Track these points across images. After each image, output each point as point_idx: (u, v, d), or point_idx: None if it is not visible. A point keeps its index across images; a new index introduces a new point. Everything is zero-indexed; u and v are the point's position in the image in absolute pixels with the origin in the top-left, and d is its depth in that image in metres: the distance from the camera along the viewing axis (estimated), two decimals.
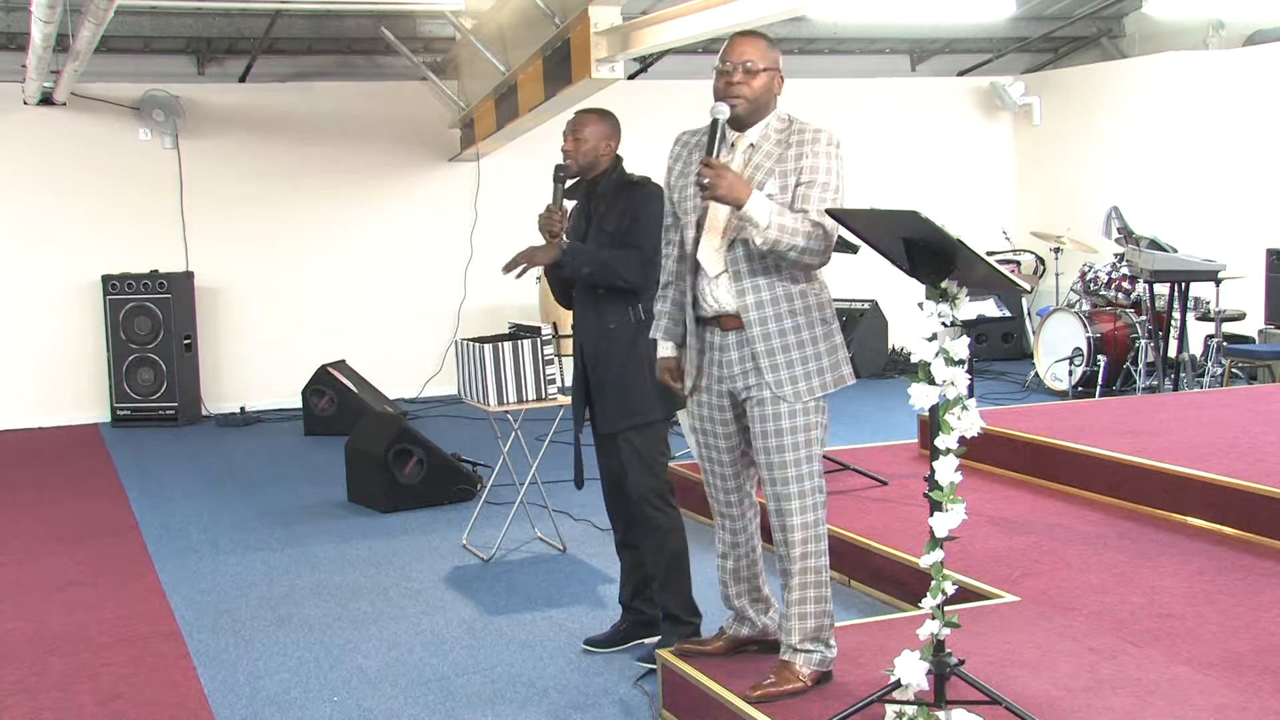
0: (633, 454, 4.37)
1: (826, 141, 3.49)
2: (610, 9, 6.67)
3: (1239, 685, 3.61)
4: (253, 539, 6.47)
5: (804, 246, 3.40)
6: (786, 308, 3.50)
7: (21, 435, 9.76)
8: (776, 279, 3.50)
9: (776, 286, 3.50)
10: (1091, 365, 9.13)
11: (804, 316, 3.51)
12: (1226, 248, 9.50)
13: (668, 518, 4.41)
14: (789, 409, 3.51)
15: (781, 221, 3.38)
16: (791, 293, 3.50)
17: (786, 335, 3.50)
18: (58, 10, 6.72)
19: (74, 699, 4.34)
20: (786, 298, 3.50)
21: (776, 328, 3.50)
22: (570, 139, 4.45)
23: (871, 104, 11.96)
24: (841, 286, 10.91)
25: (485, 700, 4.24)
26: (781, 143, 3.50)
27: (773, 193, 3.45)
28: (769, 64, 3.51)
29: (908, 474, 6.31)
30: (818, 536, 3.58)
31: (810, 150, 3.48)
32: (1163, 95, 10.87)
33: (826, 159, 3.47)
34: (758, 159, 3.51)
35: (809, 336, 3.52)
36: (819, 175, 3.46)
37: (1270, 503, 4.92)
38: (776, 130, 3.53)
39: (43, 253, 10.02)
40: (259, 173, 10.50)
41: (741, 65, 3.48)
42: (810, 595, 3.59)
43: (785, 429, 3.53)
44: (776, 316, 3.50)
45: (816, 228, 3.41)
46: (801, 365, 3.51)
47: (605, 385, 4.38)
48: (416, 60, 10.14)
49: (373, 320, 10.77)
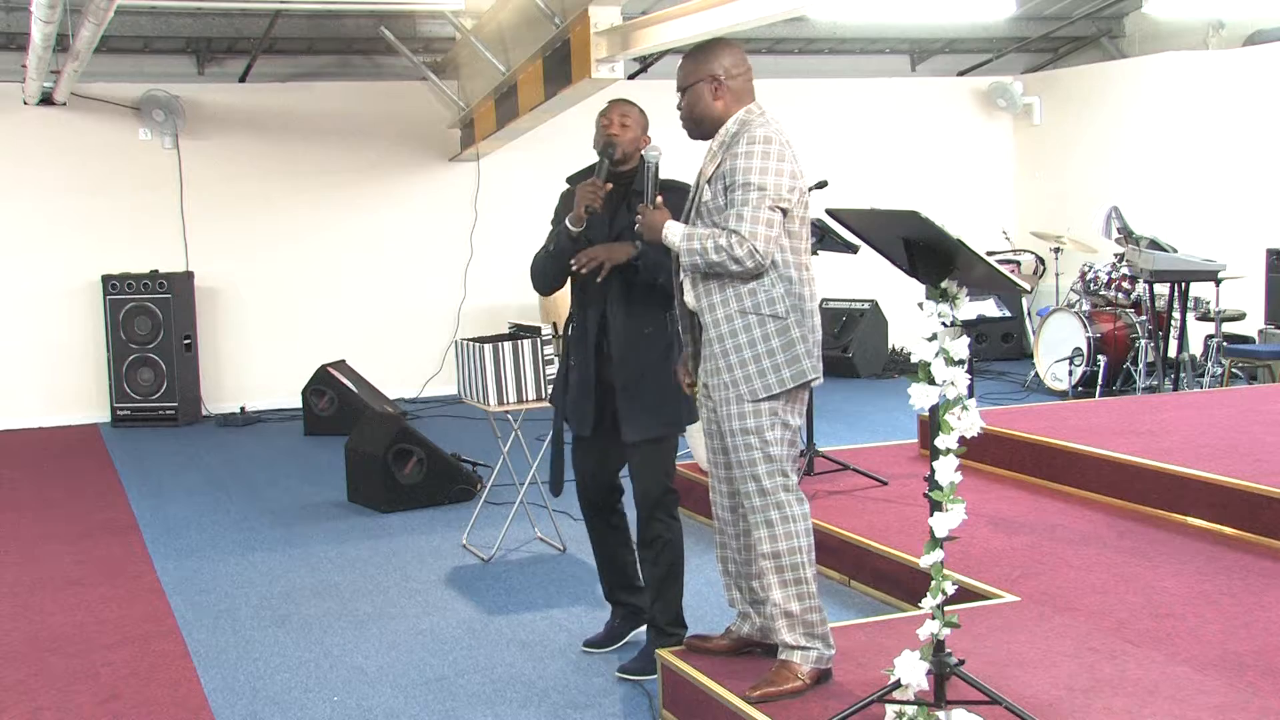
0: (648, 464, 4.27)
1: (747, 140, 3.50)
2: (610, 9, 6.67)
3: (1239, 685, 3.61)
4: (253, 539, 6.47)
5: (716, 261, 3.46)
6: (736, 307, 3.52)
7: (21, 435, 9.76)
8: (726, 280, 3.53)
9: (727, 287, 3.53)
10: (1091, 365, 9.13)
11: (754, 315, 3.51)
12: (1226, 248, 9.49)
13: (670, 529, 4.32)
14: (739, 410, 3.54)
15: (689, 245, 3.50)
16: (741, 292, 3.52)
17: (738, 335, 3.53)
18: (58, 10, 6.72)
19: (74, 699, 4.34)
20: (736, 297, 3.52)
21: (728, 328, 3.53)
22: (617, 122, 4.25)
23: (871, 104, 11.96)
24: (841, 286, 11.01)
25: (485, 700, 4.24)
26: (725, 146, 3.56)
27: (705, 199, 3.55)
28: (695, 78, 3.60)
29: (908, 474, 6.31)
30: (787, 534, 3.56)
31: (731, 153, 3.51)
32: (1163, 95, 10.87)
33: (746, 159, 3.47)
34: (707, 166, 3.61)
35: (760, 334, 3.51)
36: (738, 177, 3.47)
37: (1270, 503, 4.92)
38: (731, 134, 3.58)
39: (43, 253, 10.02)
40: (259, 173, 10.51)
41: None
42: (791, 593, 3.58)
43: (738, 429, 3.55)
44: (728, 317, 3.53)
45: (731, 236, 3.43)
46: (754, 363, 3.51)
47: (634, 391, 4.21)
48: (416, 60, 10.14)
49: (373, 320, 10.77)
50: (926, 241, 3.17)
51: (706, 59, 3.61)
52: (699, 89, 3.59)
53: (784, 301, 3.52)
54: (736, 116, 3.58)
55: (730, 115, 3.59)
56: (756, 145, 3.47)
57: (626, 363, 4.22)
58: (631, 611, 4.64)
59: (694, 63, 3.62)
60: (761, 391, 3.51)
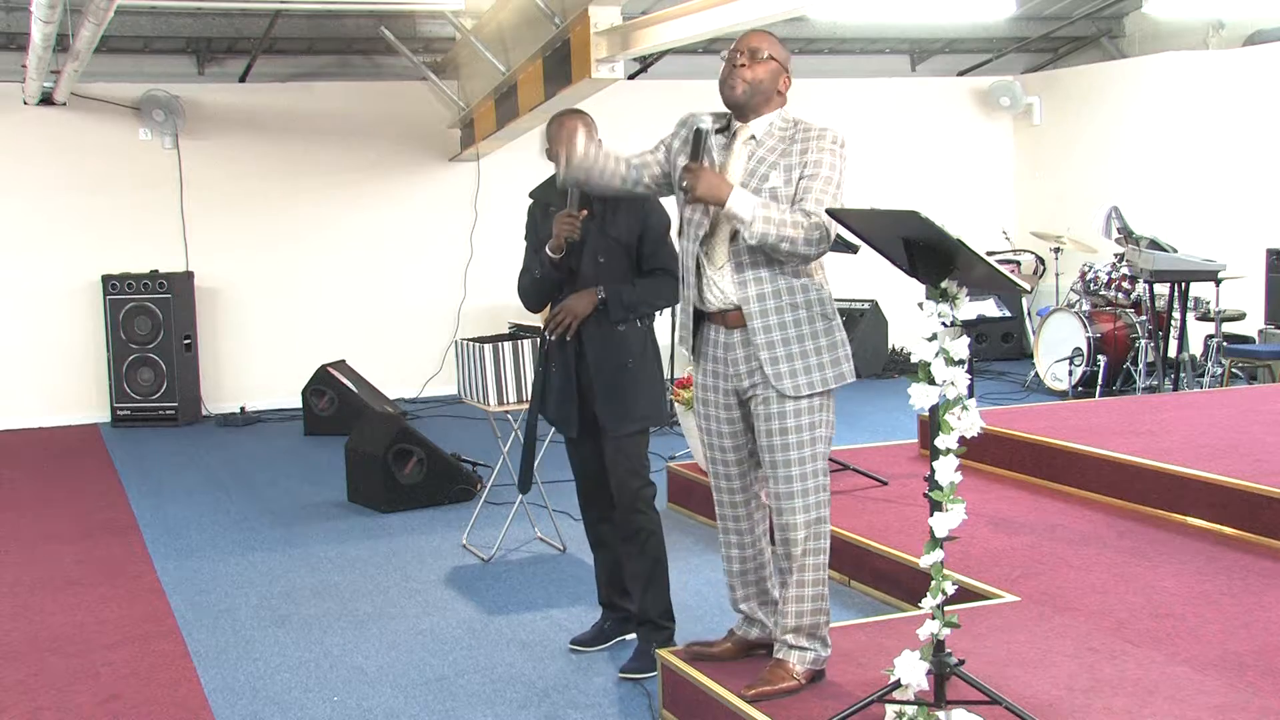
0: (621, 458, 4.33)
1: (832, 140, 3.51)
2: (610, 9, 6.67)
3: (1239, 685, 3.61)
4: (253, 539, 6.47)
5: (793, 237, 3.40)
6: (787, 301, 3.51)
7: (21, 435, 9.76)
8: (778, 272, 3.50)
9: (779, 279, 3.50)
10: (1091, 365, 9.13)
11: (805, 311, 3.52)
12: (1226, 248, 9.49)
13: (650, 520, 4.38)
14: (794, 406, 3.52)
15: (767, 214, 3.39)
16: (793, 286, 3.51)
17: (787, 329, 3.51)
18: (58, 10, 6.72)
19: (74, 699, 4.34)
20: (788, 291, 3.51)
21: (777, 320, 3.51)
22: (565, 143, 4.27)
23: (871, 104, 11.96)
24: (841, 286, 10.88)
25: (485, 700, 4.24)
26: (786, 138, 3.53)
27: (776, 185, 3.47)
28: (777, 56, 3.56)
29: (908, 474, 6.31)
30: (819, 534, 3.58)
31: (815, 145, 3.50)
32: (1163, 95, 10.87)
33: (830, 155, 3.49)
34: (761, 152, 3.54)
35: (809, 331, 3.52)
36: (822, 169, 3.47)
37: (1270, 503, 4.92)
38: (781, 127, 3.56)
39: (43, 253, 10.02)
40: (259, 173, 10.51)
41: (747, 50, 3.55)
42: (808, 594, 3.59)
43: (790, 426, 3.53)
44: (777, 310, 3.51)
45: (810, 218, 3.41)
46: (801, 359, 3.51)
47: (611, 387, 4.30)
48: (416, 60, 10.14)
49: (373, 320, 10.77)
50: (926, 241, 3.17)
51: (786, 48, 3.63)
52: (777, 69, 3.57)
53: (831, 303, 3.58)
54: (782, 112, 3.59)
55: (776, 109, 3.59)
56: (839, 147, 3.51)
57: (602, 362, 4.31)
58: (624, 616, 4.66)
59: (779, 45, 3.61)
60: (814, 387, 3.51)
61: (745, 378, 3.59)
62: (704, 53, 11.13)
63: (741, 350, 3.58)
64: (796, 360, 3.51)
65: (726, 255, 3.56)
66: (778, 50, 3.58)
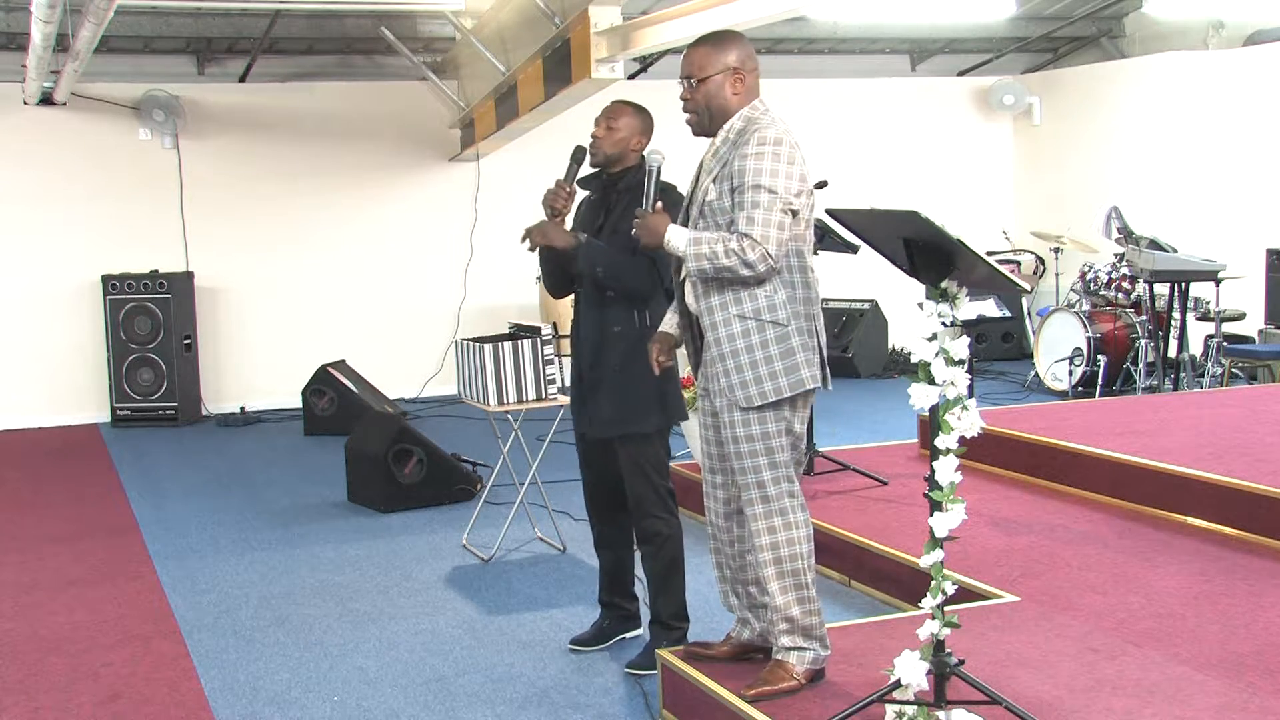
0: (630, 463, 4.32)
1: (758, 140, 3.40)
2: (610, 9, 6.67)
3: (1239, 685, 3.61)
4: (253, 539, 6.47)
5: (728, 266, 3.36)
6: (735, 311, 3.46)
7: (21, 435, 9.76)
8: (727, 284, 3.46)
9: (726, 290, 3.47)
10: (1091, 365, 9.13)
11: (754, 320, 3.46)
12: (1226, 248, 9.49)
13: (668, 525, 4.36)
14: (742, 416, 3.49)
15: (698, 249, 3.40)
16: (741, 296, 3.46)
17: (735, 340, 3.47)
18: (58, 10, 6.72)
19: (74, 699, 4.34)
20: (736, 301, 3.46)
21: (726, 332, 3.47)
22: (603, 125, 4.29)
23: (871, 104, 11.96)
24: (841, 286, 11.00)
25: (485, 700, 4.24)
26: (730, 144, 3.47)
27: (710, 199, 3.45)
28: (716, 68, 3.48)
29: (908, 474, 6.30)
30: (789, 540, 3.54)
31: (740, 152, 3.41)
32: (1163, 95, 10.87)
33: (756, 160, 3.37)
34: (711, 163, 3.51)
35: (759, 340, 3.46)
36: (747, 179, 3.37)
37: (1270, 503, 4.92)
38: (737, 130, 3.49)
39: (43, 253, 10.02)
40: (259, 173, 10.51)
41: (686, 81, 3.52)
42: (792, 597, 3.57)
43: (741, 436, 3.51)
44: (726, 321, 3.47)
45: (742, 241, 3.34)
46: (751, 369, 3.46)
47: (600, 389, 4.29)
48: (416, 60, 10.14)
49: (373, 320, 10.77)
50: (926, 241, 3.17)
51: (726, 48, 3.51)
52: (719, 80, 3.48)
53: (785, 308, 3.48)
54: (742, 113, 3.50)
55: (738, 112, 3.50)
56: (767, 146, 3.39)
57: (595, 361, 4.30)
58: (623, 615, 4.67)
59: (713, 51, 3.50)
60: (758, 399, 3.46)
61: (712, 381, 3.59)
62: None
63: (706, 354, 3.60)
64: (747, 370, 3.46)
65: None
66: (713, 60, 3.48)
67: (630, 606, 4.68)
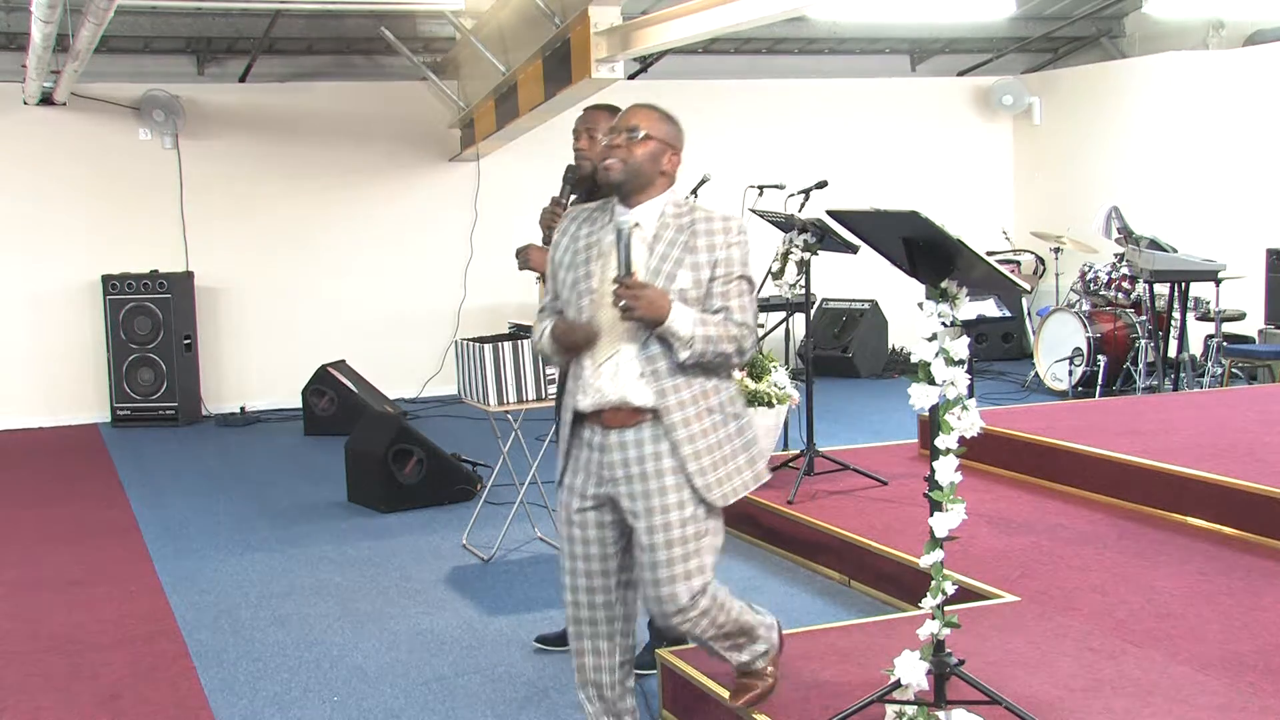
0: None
1: (738, 231, 3.27)
2: (610, 9, 6.67)
3: (1239, 685, 3.61)
4: (253, 539, 6.47)
5: (727, 353, 3.20)
6: (705, 405, 3.24)
7: (21, 435, 9.76)
8: (693, 375, 3.22)
9: (694, 383, 3.23)
10: (1091, 365, 9.13)
11: (720, 414, 3.26)
12: (1226, 248, 9.49)
13: None
14: (692, 513, 3.21)
15: (706, 333, 3.16)
16: (706, 389, 3.24)
17: (710, 435, 3.23)
18: (58, 10, 6.72)
19: (74, 699, 4.34)
20: (703, 394, 3.24)
21: (699, 427, 3.22)
22: (583, 137, 4.21)
23: (871, 104, 11.96)
24: (841, 286, 11.01)
25: (485, 700, 4.24)
26: (684, 229, 3.24)
27: (684, 286, 3.19)
28: (660, 135, 3.27)
29: (908, 474, 6.30)
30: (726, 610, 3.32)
31: (723, 241, 3.23)
32: (1163, 95, 10.87)
33: (740, 250, 3.25)
34: (661, 248, 3.23)
35: (726, 434, 3.27)
36: (735, 268, 3.23)
37: (1270, 503, 4.92)
38: (675, 214, 3.27)
39: (43, 253, 10.02)
40: (259, 173, 10.51)
41: (625, 128, 3.27)
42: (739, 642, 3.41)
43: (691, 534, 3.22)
44: (699, 415, 3.22)
45: (742, 329, 3.23)
46: (726, 465, 3.25)
47: None
48: (416, 60, 10.14)
49: (373, 320, 10.77)
50: (926, 241, 3.17)
51: (674, 125, 3.34)
52: (658, 149, 3.27)
53: (739, 400, 3.35)
54: (670, 196, 3.31)
55: (662, 193, 3.29)
56: (744, 236, 3.27)
57: None
58: None
59: (665, 120, 3.32)
60: (732, 495, 3.26)
61: (623, 483, 3.24)
62: (704, 53, 11.14)
63: (619, 454, 3.24)
64: (722, 467, 3.24)
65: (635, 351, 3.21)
66: (660, 127, 3.28)
67: None
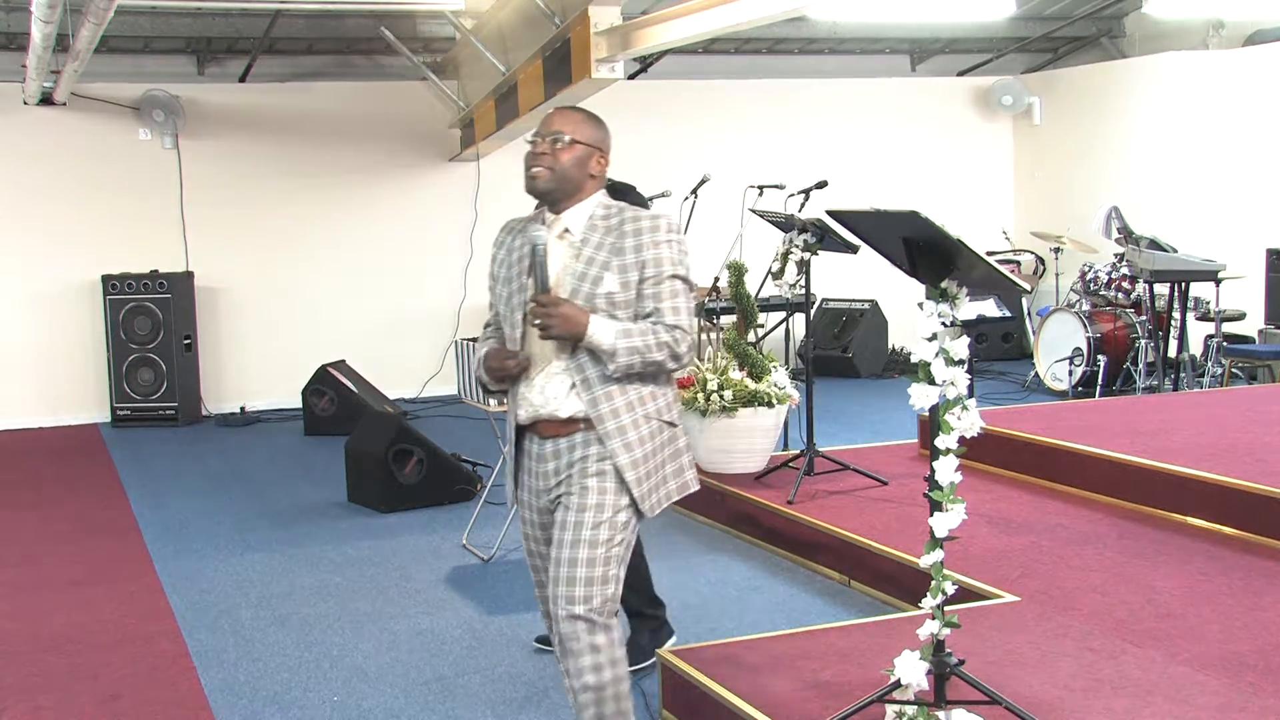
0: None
1: (667, 230, 3.19)
2: (610, 9, 6.67)
3: (1239, 685, 3.61)
4: (253, 539, 6.47)
5: (658, 360, 3.13)
6: (642, 411, 3.18)
7: (21, 435, 9.76)
8: (626, 382, 3.17)
9: (629, 390, 3.17)
10: (1091, 365, 9.13)
11: (657, 420, 3.22)
12: (1226, 248, 9.49)
13: None
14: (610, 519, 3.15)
15: (630, 343, 3.10)
16: (643, 394, 3.19)
17: (646, 443, 3.19)
18: (58, 10, 6.71)
19: (74, 699, 4.34)
20: (640, 400, 3.18)
21: (636, 435, 3.17)
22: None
23: (871, 104, 11.96)
24: (841, 286, 11.01)
25: (485, 700, 4.24)
26: (612, 230, 3.19)
27: (612, 290, 3.14)
28: (586, 140, 3.22)
29: (908, 474, 6.30)
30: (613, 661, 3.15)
31: (650, 240, 3.16)
32: (1163, 95, 10.88)
33: (669, 249, 3.17)
34: (588, 251, 3.18)
35: (661, 442, 3.23)
36: (665, 269, 3.16)
37: (1270, 503, 4.92)
38: (603, 217, 3.22)
39: (42, 253, 10.02)
40: (259, 173, 10.51)
41: (550, 136, 3.21)
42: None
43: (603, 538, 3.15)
44: (635, 423, 3.18)
45: (673, 333, 3.13)
46: (657, 473, 3.23)
47: None
48: (416, 60, 10.14)
49: (373, 320, 10.77)
50: (927, 241, 3.17)
51: (600, 127, 3.28)
52: (584, 153, 3.22)
53: (675, 408, 3.30)
54: (599, 200, 3.26)
55: (591, 196, 3.25)
56: (675, 234, 3.19)
57: None
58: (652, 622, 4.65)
59: (590, 123, 3.27)
60: (659, 505, 3.23)
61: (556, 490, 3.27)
62: (704, 53, 11.14)
63: (552, 463, 3.25)
64: (654, 476, 3.22)
65: (564, 364, 3.18)
66: (585, 130, 3.23)
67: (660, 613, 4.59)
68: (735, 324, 6.65)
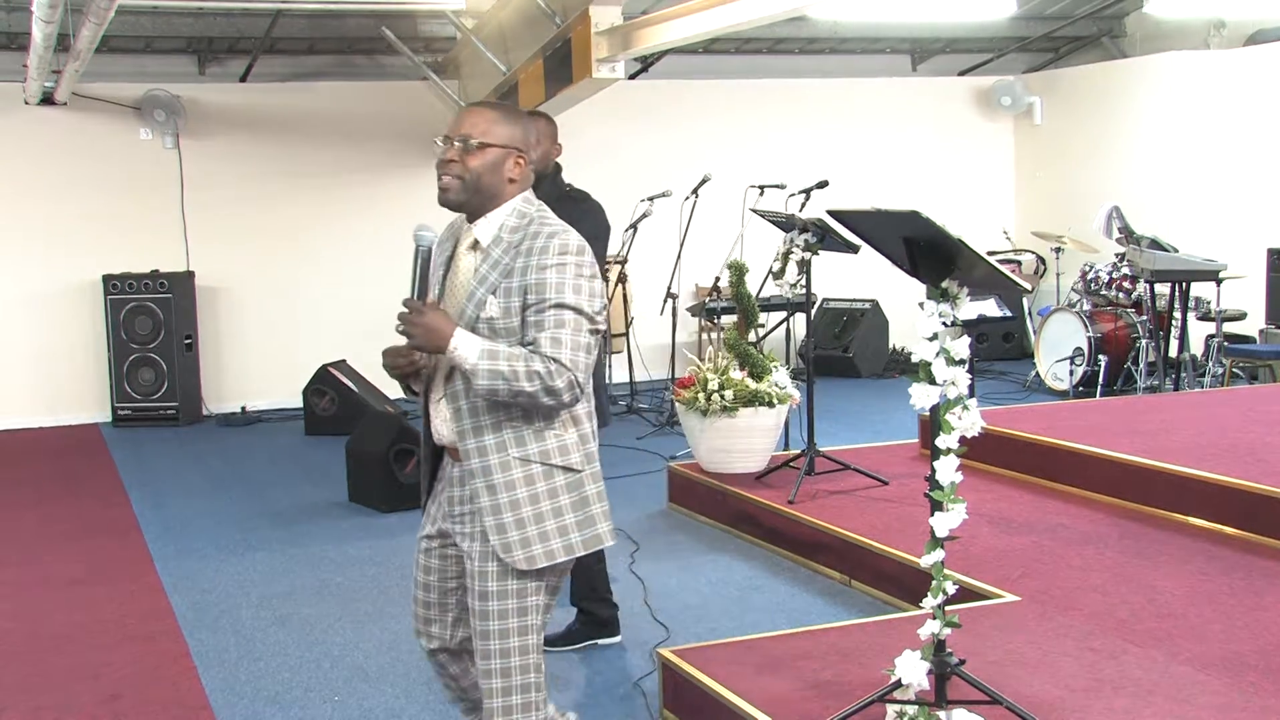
0: None
1: (559, 250, 2.81)
2: (610, 9, 6.68)
3: (1240, 685, 3.61)
4: (253, 539, 6.47)
5: (528, 392, 2.74)
6: (517, 454, 2.83)
7: (21, 435, 9.76)
8: (504, 417, 2.84)
9: (505, 428, 2.84)
10: (1092, 365, 9.13)
11: (540, 465, 2.84)
12: (1227, 248, 9.49)
13: None
14: (500, 573, 2.85)
15: (494, 366, 2.74)
16: (524, 434, 2.84)
17: (516, 488, 2.83)
18: (58, 10, 6.71)
19: (74, 699, 4.34)
20: (518, 441, 2.84)
21: (504, 479, 2.83)
22: None
23: (872, 104, 11.95)
24: (842, 286, 11.00)
25: None
26: (513, 247, 2.85)
27: (493, 315, 2.83)
28: (499, 140, 2.87)
29: (908, 474, 6.30)
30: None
31: (539, 261, 2.80)
32: (1164, 95, 10.87)
33: (559, 272, 2.79)
34: (484, 269, 2.88)
35: (545, 489, 2.85)
36: (549, 295, 2.78)
37: (1271, 503, 4.92)
38: (511, 229, 2.88)
39: (43, 253, 10.01)
40: (260, 173, 10.50)
41: (456, 138, 2.87)
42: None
43: (493, 592, 2.85)
44: (504, 465, 2.83)
45: (549, 366, 2.74)
46: (536, 524, 2.84)
47: None
48: (417, 60, 10.14)
49: (373, 320, 10.72)
50: (927, 241, 3.17)
51: (513, 122, 2.93)
52: (499, 155, 2.88)
53: (579, 449, 2.90)
54: (514, 207, 2.91)
55: (509, 202, 2.91)
56: (570, 256, 2.81)
57: None
58: (595, 620, 4.71)
59: (501, 120, 2.91)
60: (542, 559, 2.84)
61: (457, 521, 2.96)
62: (704, 53, 11.14)
63: (459, 489, 2.95)
64: (530, 526, 2.83)
65: (442, 387, 2.93)
66: (497, 130, 2.87)
67: (605, 613, 4.72)
68: (736, 324, 6.65)
